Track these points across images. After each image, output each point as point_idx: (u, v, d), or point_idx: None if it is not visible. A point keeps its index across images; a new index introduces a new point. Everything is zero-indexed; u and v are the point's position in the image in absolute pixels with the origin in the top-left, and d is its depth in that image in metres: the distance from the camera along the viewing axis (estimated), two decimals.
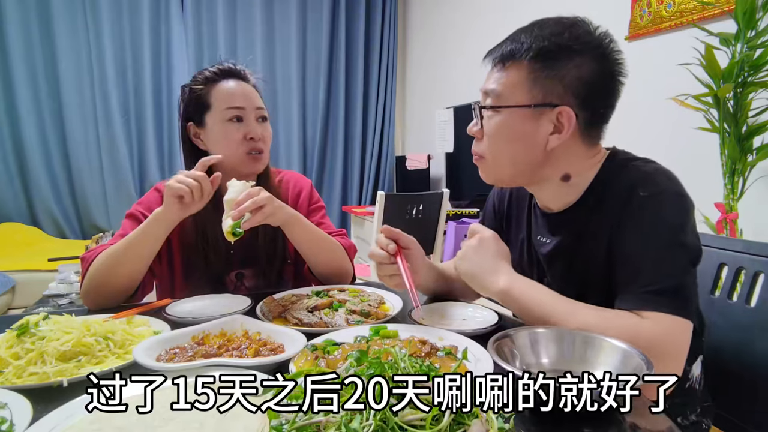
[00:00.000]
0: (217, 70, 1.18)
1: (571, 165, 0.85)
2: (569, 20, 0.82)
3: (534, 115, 0.82)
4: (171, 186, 0.99)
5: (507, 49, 0.83)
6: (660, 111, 1.98)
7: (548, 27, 0.82)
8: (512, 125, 0.84)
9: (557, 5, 0.84)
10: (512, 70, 0.82)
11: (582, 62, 0.79)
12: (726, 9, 1.75)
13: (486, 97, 0.86)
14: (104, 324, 0.78)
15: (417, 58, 4.51)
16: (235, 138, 1.14)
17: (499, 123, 0.84)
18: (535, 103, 0.81)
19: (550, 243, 0.91)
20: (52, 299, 2.37)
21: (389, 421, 0.43)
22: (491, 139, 0.86)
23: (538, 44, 0.80)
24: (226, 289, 1.20)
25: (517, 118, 0.83)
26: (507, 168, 0.88)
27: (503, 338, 0.68)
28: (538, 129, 0.82)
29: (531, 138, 0.83)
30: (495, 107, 0.84)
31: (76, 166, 3.71)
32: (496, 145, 0.86)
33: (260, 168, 1.20)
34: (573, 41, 0.79)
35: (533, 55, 0.80)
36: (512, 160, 0.86)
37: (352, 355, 0.56)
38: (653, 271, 0.75)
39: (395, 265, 0.95)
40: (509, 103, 0.83)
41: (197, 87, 1.17)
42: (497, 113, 0.84)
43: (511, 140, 0.84)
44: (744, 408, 0.97)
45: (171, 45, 3.82)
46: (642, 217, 0.77)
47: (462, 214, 3.04)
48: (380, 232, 0.98)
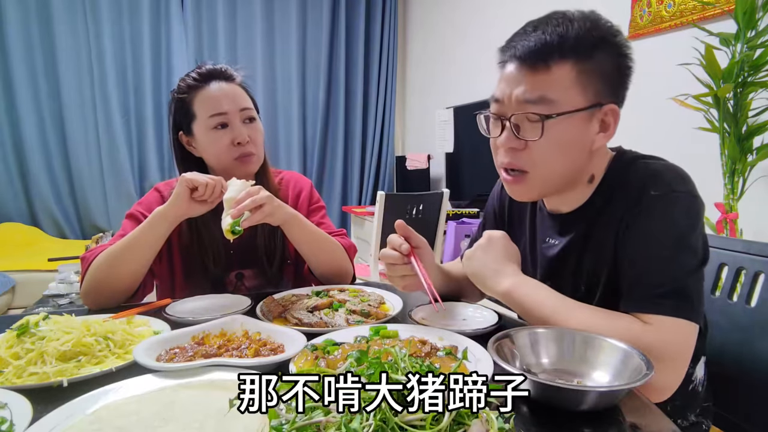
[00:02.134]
0: (197, 74, 1.16)
1: (596, 165, 0.84)
2: (589, 12, 0.78)
3: (588, 116, 0.77)
4: (187, 177, 1.00)
5: (543, 46, 0.75)
6: (660, 111, 1.98)
7: (576, 20, 0.76)
8: (570, 131, 0.77)
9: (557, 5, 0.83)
10: (560, 70, 0.75)
11: (613, 55, 0.77)
12: (726, 9, 1.75)
13: (526, 105, 0.76)
14: (104, 324, 0.78)
15: (417, 58, 4.51)
16: (222, 145, 1.14)
17: (558, 131, 0.76)
18: (590, 104, 0.76)
19: (559, 244, 0.89)
20: (52, 299, 2.37)
21: (389, 421, 0.43)
22: (546, 149, 0.77)
23: (580, 39, 0.74)
24: (226, 289, 1.19)
25: (575, 123, 0.76)
26: (557, 180, 0.81)
27: (503, 338, 0.68)
28: (589, 130, 0.78)
29: (584, 141, 0.79)
30: (557, 114, 0.75)
31: (76, 166, 3.71)
32: (551, 156, 0.78)
33: (253, 169, 1.20)
34: (606, 33, 0.76)
35: (581, 51, 0.74)
36: (565, 169, 0.80)
37: (352, 355, 0.56)
38: (660, 273, 0.74)
39: (407, 265, 0.92)
40: (566, 108, 0.75)
41: (182, 96, 1.16)
42: (553, 120, 0.75)
43: (568, 148, 0.78)
44: (744, 408, 0.97)
45: (171, 45, 3.82)
46: (652, 217, 0.76)
47: (462, 214, 3.04)
48: (395, 227, 0.93)
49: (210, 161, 1.19)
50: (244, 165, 1.16)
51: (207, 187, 1.01)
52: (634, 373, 0.59)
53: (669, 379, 0.72)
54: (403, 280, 0.94)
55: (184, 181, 1.00)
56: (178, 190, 1.01)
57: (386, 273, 0.96)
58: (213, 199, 1.03)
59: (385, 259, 0.94)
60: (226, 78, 1.18)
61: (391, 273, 0.95)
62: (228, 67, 1.20)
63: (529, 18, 0.83)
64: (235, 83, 1.19)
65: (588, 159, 0.82)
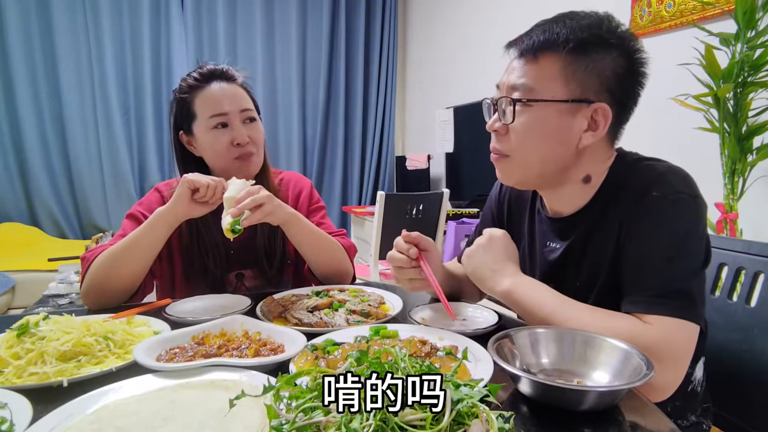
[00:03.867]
0: (198, 75, 1.16)
1: (593, 165, 0.83)
2: (601, 13, 0.79)
3: (570, 110, 0.78)
4: (188, 178, 1.01)
5: (539, 39, 0.78)
6: (660, 111, 1.98)
7: (583, 18, 0.78)
8: (547, 120, 0.79)
9: (558, 5, 0.83)
10: (546, 61, 0.78)
11: (618, 57, 0.77)
12: (726, 9, 1.75)
13: (512, 91, 0.81)
14: (104, 324, 0.78)
15: (417, 58, 4.51)
16: (222, 145, 1.14)
17: (533, 118, 0.79)
18: (573, 98, 0.77)
19: (560, 248, 0.89)
20: (52, 299, 2.37)
21: (389, 421, 0.43)
22: (521, 135, 0.80)
23: (576, 35, 0.76)
24: (226, 289, 1.19)
25: (552, 113, 0.78)
26: (536, 167, 0.83)
27: (503, 338, 0.68)
28: (573, 125, 0.79)
29: (565, 135, 0.79)
30: (531, 100, 0.79)
31: (76, 166, 3.71)
32: (526, 142, 0.81)
33: (253, 170, 1.19)
34: (610, 34, 0.77)
35: (572, 46, 0.76)
36: (543, 158, 0.82)
37: (352, 355, 0.55)
38: (662, 274, 0.74)
39: (415, 269, 0.92)
40: (544, 97, 0.78)
41: (183, 95, 1.16)
42: (529, 107, 0.79)
43: (545, 137, 0.80)
44: (744, 408, 0.97)
45: (171, 45, 3.82)
46: (654, 218, 0.76)
47: (462, 214, 3.04)
48: (402, 237, 0.94)
49: (210, 161, 1.19)
50: (243, 166, 1.16)
51: (208, 188, 1.01)
52: (634, 373, 0.59)
53: (669, 379, 0.72)
54: (411, 283, 0.94)
55: (186, 183, 1.01)
56: (180, 191, 1.01)
57: (394, 275, 0.96)
58: (214, 200, 1.03)
59: (393, 262, 0.94)
60: (228, 78, 1.18)
61: (400, 276, 0.95)
62: (230, 68, 1.20)
63: (529, 18, 0.85)
64: (236, 84, 1.19)
65: (574, 155, 0.82)
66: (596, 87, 0.78)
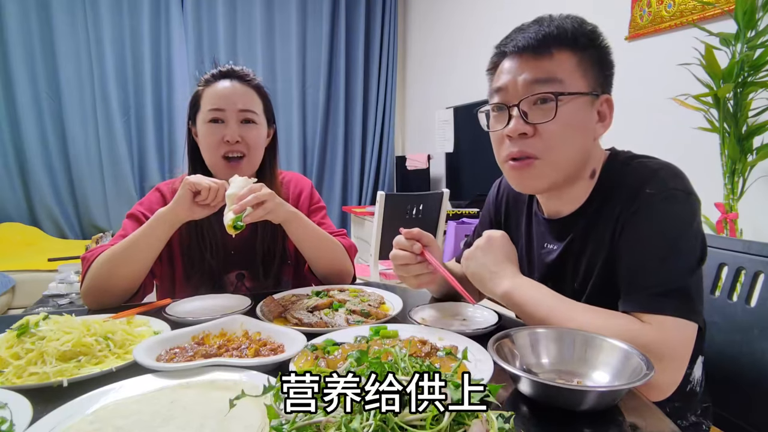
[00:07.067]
0: (217, 71, 1.18)
1: (596, 159, 0.85)
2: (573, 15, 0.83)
3: (590, 102, 0.79)
4: (190, 180, 1.01)
5: (545, 37, 0.77)
6: (660, 111, 1.98)
7: (570, 17, 0.80)
8: (578, 114, 0.78)
9: (558, 5, 0.83)
10: (562, 55, 0.77)
11: (605, 52, 0.81)
12: (726, 9, 1.75)
13: (535, 87, 0.77)
14: (104, 324, 0.78)
15: (417, 58, 4.51)
16: (213, 140, 1.14)
17: (568, 112, 0.77)
18: (591, 90, 0.78)
19: (557, 249, 0.89)
20: (52, 299, 2.37)
21: (389, 421, 0.43)
22: (560, 131, 0.77)
23: (576, 32, 0.78)
24: (226, 289, 1.19)
25: (582, 106, 0.78)
26: (568, 166, 0.80)
27: (503, 338, 0.68)
28: (592, 118, 0.80)
29: (589, 128, 0.80)
30: (569, 93, 0.76)
31: (76, 166, 3.72)
32: (563, 139, 0.78)
33: (241, 172, 1.15)
34: (591, 32, 0.80)
35: (578, 42, 0.77)
36: (576, 155, 0.80)
37: (352, 355, 0.55)
38: (658, 272, 0.74)
39: (421, 264, 0.91)
40: (572, 89, 0.77)
41: (198, 88, 1.19)
42: (561, 102, 0.77)
43: (578, 132, 0.79)
44: (744, 408, 0.97)
45: (171, 45, 3.82)
46: (648, 215, 0.76)
47: (462, 214, 3.04)
48: (401, 233, 0.93)
49: (204, 155, 1.18)
50: (229, 167, 1.15)
51: (210, 191, 1.01)
52: (634, 373, 0.59)
53: (668, 379, 0.71)
54: (417, 279, 0.93)
55: (188, 185, 1.00)
56: (181, 193, 1.01)
57: (398, 273, 0.95)
58: (215, 203, 1.03)
59: (397, 260, 0.93)
60: (240, 78, 1.18)
61: (405, 273, 0.93)
62: (248, 71, 1.21)
63: (530, 18, 0.85)
64: (248, 85, 1.18)
65: (593, 149, 0.83)
66: (601, 79, 0.80)
